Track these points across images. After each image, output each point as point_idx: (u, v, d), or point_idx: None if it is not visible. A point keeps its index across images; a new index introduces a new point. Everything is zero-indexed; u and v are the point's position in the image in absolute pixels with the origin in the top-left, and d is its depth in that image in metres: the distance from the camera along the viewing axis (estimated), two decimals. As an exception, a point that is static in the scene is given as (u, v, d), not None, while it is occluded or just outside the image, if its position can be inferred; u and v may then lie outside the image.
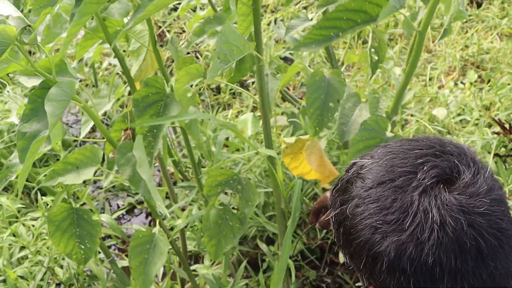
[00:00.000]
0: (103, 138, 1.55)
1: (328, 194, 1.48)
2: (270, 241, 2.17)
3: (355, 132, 1.68)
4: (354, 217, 0.80)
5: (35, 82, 1.42)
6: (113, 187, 2.80)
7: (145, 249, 1.61)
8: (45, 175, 1.67)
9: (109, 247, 2.41)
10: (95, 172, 2.77)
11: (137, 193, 2.72)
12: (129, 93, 2.84)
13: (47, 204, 2.31)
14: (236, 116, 2.79)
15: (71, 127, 3.17)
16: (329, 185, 1.85)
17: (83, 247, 1.65)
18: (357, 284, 2.05)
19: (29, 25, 1.13)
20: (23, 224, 2.23)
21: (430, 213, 0.73)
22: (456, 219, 0.73)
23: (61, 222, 1.62)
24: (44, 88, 1.21)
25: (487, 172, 0.78)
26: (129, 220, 2.67)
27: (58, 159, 2.69)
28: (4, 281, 2.13)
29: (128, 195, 2.76)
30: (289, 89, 3.04)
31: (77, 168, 1.59)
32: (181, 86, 1.46)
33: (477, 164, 0.79)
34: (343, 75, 1.59)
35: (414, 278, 0.75)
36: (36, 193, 2.44)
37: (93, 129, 3.01)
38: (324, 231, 2.15)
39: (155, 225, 1.67)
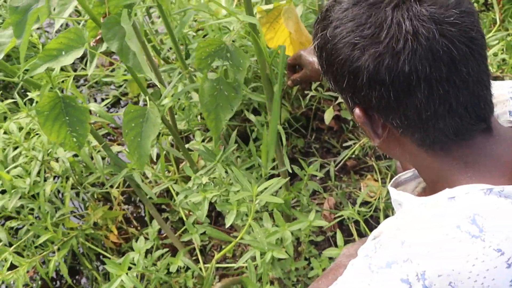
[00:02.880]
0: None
1: (301, 51, 1.54)
2: (256, 113, 2.23)
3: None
4: (334, 38, 0.86)
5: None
6: (96, 83, 2.82)
7: (139, 122, 1.64)
8: (27, 70, 1.62)
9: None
10: (77, 70, 2.79)
11: (120, 86, 2.75)
12: None
13: (34, 102, 2.31)
14: None
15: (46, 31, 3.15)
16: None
17: (75, 134, 1.66)
18: (344, 145, 2.14)
19: None
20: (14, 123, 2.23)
21: (403, 24, 0.79)
22: (428, 28, 0.78)
23: (50, 112, 1.62)
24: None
25: None
26: (117, 112, 2.71)
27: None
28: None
29: (111, 89, 2.79)
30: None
31: (63, 54, 1.58)
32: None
33: None
34: None
35: (393, 89, 0.81)
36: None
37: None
38: (307, 99, 2.22)
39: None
